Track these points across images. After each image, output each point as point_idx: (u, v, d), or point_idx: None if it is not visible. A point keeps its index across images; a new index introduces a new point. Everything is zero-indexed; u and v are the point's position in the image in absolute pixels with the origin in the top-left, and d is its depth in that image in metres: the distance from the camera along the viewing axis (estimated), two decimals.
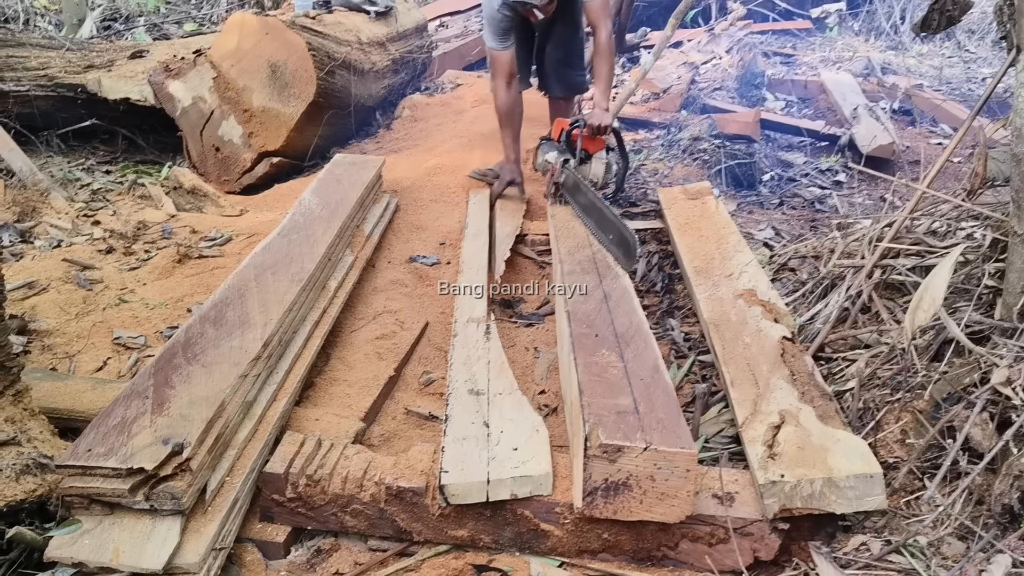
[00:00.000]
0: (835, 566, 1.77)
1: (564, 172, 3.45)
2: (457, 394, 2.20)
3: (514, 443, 1.95)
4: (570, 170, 3.44)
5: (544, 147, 3.74)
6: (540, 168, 3.75)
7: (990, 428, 1.83)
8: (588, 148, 3.52)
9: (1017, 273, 1.96)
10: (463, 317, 2.65)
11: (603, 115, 3.46)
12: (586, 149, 3.51)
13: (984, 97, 2.53)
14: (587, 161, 3.53)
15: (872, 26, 8.98)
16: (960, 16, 2.47)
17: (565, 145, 3.61)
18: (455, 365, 2.36)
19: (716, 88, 6.37)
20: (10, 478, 1.76)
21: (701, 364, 2.70)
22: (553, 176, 3.51)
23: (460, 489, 1.85)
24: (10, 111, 4.59)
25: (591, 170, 3.52)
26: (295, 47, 4.27)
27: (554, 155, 3.59)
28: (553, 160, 3.56)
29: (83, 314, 2.85)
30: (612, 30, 3.56)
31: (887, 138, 4.84)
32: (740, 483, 1.90)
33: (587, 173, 3.49)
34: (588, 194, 3.22)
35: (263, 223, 3.68)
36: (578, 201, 3.31)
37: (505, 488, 1.85)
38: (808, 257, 3.21)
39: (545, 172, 3.67)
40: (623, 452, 1.75)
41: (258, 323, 2.30)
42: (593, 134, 3.48)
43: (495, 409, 2.12)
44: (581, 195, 3.29)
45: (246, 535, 1.94)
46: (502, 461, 1.89)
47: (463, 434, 2.01)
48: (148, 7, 7.72)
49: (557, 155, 3.57)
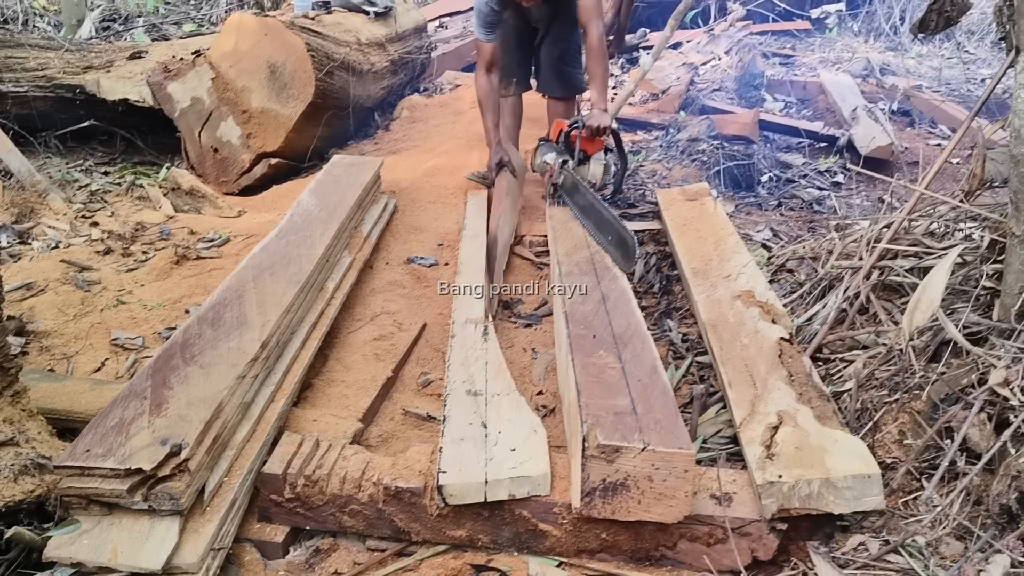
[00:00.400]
0: (833, 566, 1.77)
1: (562, 173, 3.44)
2: (455, 395, 2.20)
3: (512, 443, 1.96)
4: (568, 171, 3.43)
5: (542, 148, 3.73)
6: (538, 169, 3.74)
7: (988, 429, 1.84)
8: (587, 149, 3.50)
9: (1015, 274, 1.96)
10: (461, 318, 2.65)
11: (602, 116, 3.44)
12: (584, 150, 3.49)
13: (983, 98, 2.53)
14: (586, 162, 3.51)
15: (871, 27, 8.99)
16: (958, 17, 2.47)
17: (564, 146, 3.59)
18: (453, 366, 2.36)
19: (715, 89, 6.37)
20: (8, 479, 1.76)
21: (699, 365, 2.70)
22: (551, 177, 3.50)
23: (458, 489, 1.85)
24: (9, 112, 4.58)
25: (589, 171, 3.50)
26: (294, 48, 4.27)
27: (552, 156, 3.59)
28: (551, 161, 3.56)
29: (81, 315, 2.85)
30: (603, 30, 3.56)
31: (886, 139, 4.84)
32: (738, 483, 1.91)
33: (585, 174, 3.48)
34: (587, 195, 3.22)
35: (261, 224, 3.68)
36: (576, 202, 3.30)
37: (503, 488, 1.85)
38: (806, 258, 3.22)
39: (543, 173, 3.66)
40: (621, 453, 1.75)
41: (256, 324, 2.30)
42: (592, 135, 3.45)
43: (493, 410, 2.12)
44: (579, 196, 3.28)
45: (244, 535, 1.94)
46: (500, 462, 1.89)
47: (461, 435, 2.01)
48: (147, 8, 7.72)
49: (555, 156, 3.56)
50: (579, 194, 3.28)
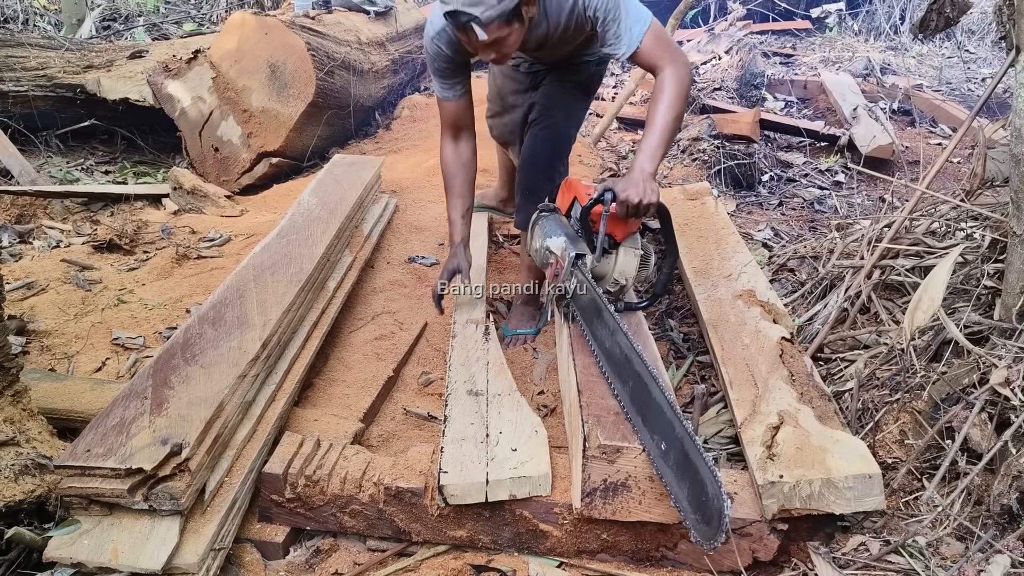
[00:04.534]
0: (834, 566, 1.77)
1: (575, 274, 2.18)
2: (456, 395, 2.20)
3: (513, 444, 1.96)
4: (584, 273, 2.16)
5: (544, 223, 2.41)
6: (536, 259, 2.46)
7: (989, 429, 1.84)
8: (614, 234, 2.22)
9: (1016, 274, 1.96)
10: (462, 318, 2.65)
11: (644, 184, 2.10)
12: (612, 235, 2.22)
13: (984, 97, 2.53)
14: (613, 252, 2.24)
15: (872, 26, 8.99)
16: (958, 17, 2.48)
17: (578, 226, 2.27)
18: (454, 366, 2.36)
19: (716, 88, 6.38)
20: (9, 478, 1.76)
21: (700, 365, 2.70)
22: (559, 278, 2.25)
23: (459, 489, 1.85)
24: (9, 111, 4.59)
25: (616, 266, 2.23)
26: (294, 47, 4.27)
27: (561, 243, 2.25)
28: (559, 252, 2.25)
29: (82, 315, 2.85)
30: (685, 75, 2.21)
31: (886, 139, 4.85)
32: (739, 483, 1.90)
33: (609, 271, 2.24)
34: (617, 336, 1.95)
35: (262, 223, 3.69)
36: (597, 335, 2.09)
37: (504, 489, 1.85)
38: (807, 258, 3.22)
39: (544, 266, 2.41)
40: (622, 453, 1.75)
41: (257, 324, 2.30)
42: (626, 215, 2.14)
43: (494, 410, 2.12)
44: (603, 328, 2.05)
45: (245, 535, 1.94)
46: (501, 462, 1.89)
47: (462, 435, 2.01)
48: (147, 7, 7.72)
49: (565, 244, 2.24)
50: (603, 324, 2.05)
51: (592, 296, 2.11)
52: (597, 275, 2.23)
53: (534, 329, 2.87)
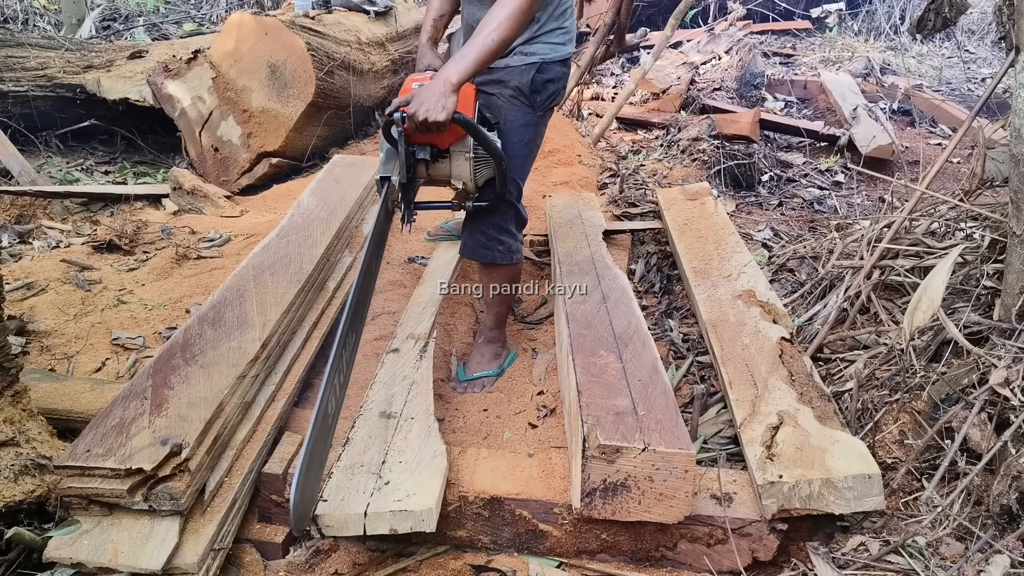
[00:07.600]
0: (833, 567, 1.77)
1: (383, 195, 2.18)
2: (366, 416, 2.12)
3: (407, 473, 1.87)
4: (388, 195, 2.17)
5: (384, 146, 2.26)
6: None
7: (988, 429, 1.84)
8: (437, 143, 2.16)
9: (1016, 274, 1.96)
10: (403, 332, 2.57)
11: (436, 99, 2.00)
12: (434, 144, 2.16)
13: (984, 98, 2.53)
14: (445, 158, 2.20)
15: (872, 26, 9.00)
16: (956, 18, 2.48)
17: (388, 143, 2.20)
18: (376, 384, 2.28)
19: (715, 88, 6.37)
20: (9, 479, 1.76)
21: (700, 365, 2.70)
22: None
23: (335, 520, 1.77)
24: (9, 111, 4.59)
25: (452, 171, 2.21)
26: (294, 47, 4.27)
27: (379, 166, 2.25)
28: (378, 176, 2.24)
29: (82, 315, 2.85)
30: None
31: (886, 139, 4.85)
32: (738, 484, 1.91)
33: (447, 176, 2.22)
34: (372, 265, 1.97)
35: (262, 224, 3.68)
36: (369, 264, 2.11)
37: (383, 522, 1.76)
38: (807, 258, 3.22)
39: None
40: (621, 453, 1.75)
41: (256, 324, 2.30)
42: (417, 131, 2.06)
43: (401, 435, 2.02)
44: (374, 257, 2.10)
45: (245, 536, 1.94)
46: (387, 493, 1.81)
47: (359, 460, 1.93)
48: (147, 7, 7.72)
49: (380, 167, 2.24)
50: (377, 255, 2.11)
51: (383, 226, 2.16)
52: (439, 180, 2.25)
53: (497, 370, 2.63)
